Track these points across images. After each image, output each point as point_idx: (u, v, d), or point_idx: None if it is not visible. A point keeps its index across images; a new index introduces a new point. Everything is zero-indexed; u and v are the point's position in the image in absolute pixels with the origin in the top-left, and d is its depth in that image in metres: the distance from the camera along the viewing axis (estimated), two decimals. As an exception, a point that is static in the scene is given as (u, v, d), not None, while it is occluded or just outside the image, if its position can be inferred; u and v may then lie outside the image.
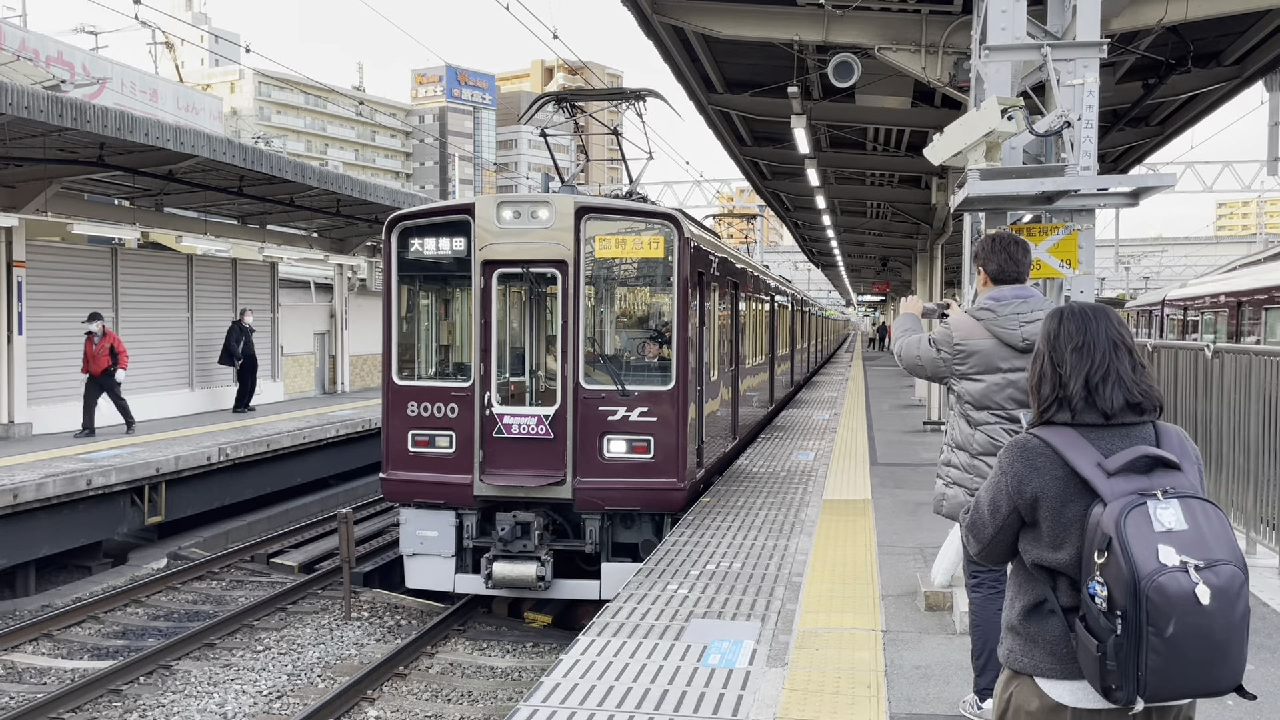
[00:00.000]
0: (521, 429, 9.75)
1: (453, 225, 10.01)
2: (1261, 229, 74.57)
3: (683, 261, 9.72)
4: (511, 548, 9.61)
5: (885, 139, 16.06)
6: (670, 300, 9.84)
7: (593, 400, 9.68)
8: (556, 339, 10.03)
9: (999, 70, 6.32)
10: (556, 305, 9.85)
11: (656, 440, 9.63)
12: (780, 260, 67.15)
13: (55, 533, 11.92)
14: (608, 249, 9.90)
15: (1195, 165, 40.48)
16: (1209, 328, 19.53)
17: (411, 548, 10.17)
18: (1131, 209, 6.94)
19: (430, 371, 10.83)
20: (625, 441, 9.65)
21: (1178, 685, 2.30)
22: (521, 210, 9.77)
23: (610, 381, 9.74)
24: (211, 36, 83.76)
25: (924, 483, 12.03)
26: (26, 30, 33.19)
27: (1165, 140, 15.15)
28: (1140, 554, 2.25)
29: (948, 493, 4.96)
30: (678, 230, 9.69)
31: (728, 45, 11.29)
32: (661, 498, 9.72)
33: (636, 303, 10.80)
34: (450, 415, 9.89)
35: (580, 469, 9.65)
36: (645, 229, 9.83)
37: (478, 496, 9.82)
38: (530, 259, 9.78)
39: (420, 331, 10.86)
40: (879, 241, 30.47)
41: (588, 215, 9.70)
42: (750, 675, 5.57)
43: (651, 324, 10.53)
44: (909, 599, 7.08)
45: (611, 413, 9.65)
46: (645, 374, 10.07)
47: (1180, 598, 2.22)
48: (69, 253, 16.64)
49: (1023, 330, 4.75)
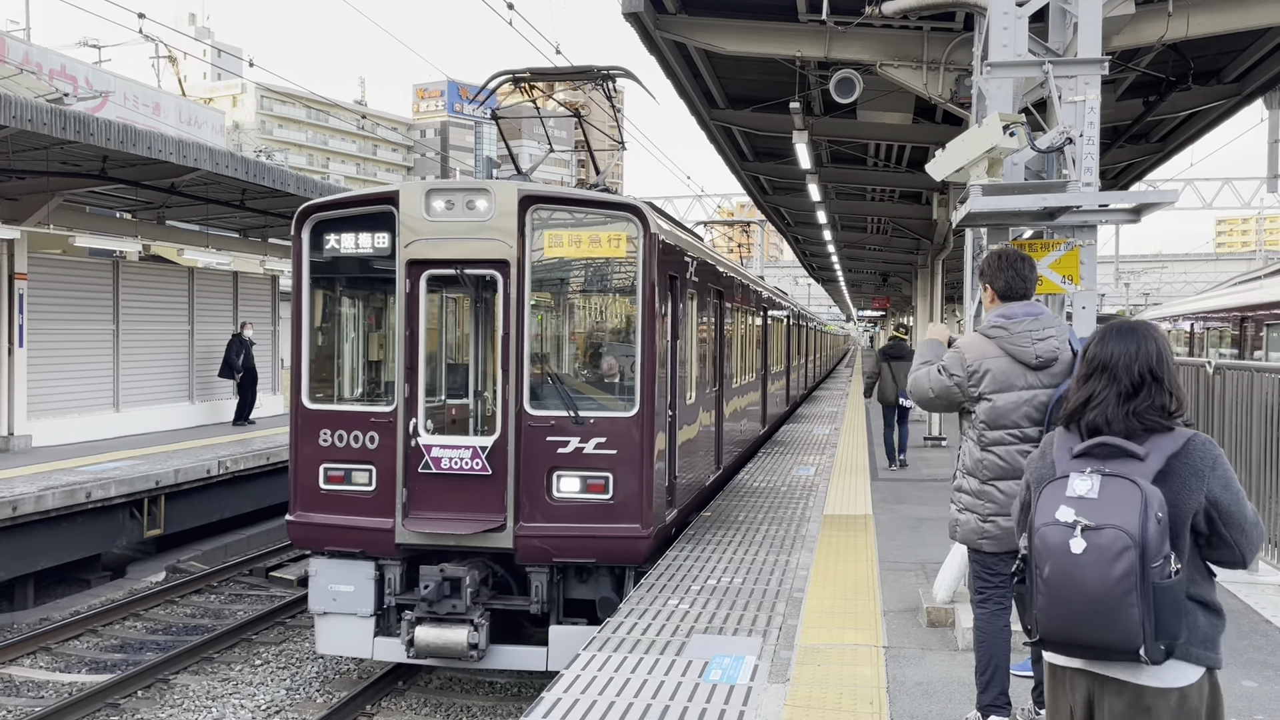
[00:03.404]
0: (453, 463, 8.20)
1: (374, 218, 8.49)
2: (1261, 246, 74.71)
3: (649, 262, 8.18)
4: (438, 609, 7.94)
5: (886, 155, 16.10)
6: (635, 309, 8.32)
7: (539, 429, 8.15)
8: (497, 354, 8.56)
9: (1001, 87, 6.33)
10: (496, 313, 8.40)
11: (616, 478, 8.07)
12: (781, 275, 67.21)
13: (54, 545, 11.89)
14: (559, 246, 8.35)
15: (1195, 182, 40.63)
16: (1222, 342, 19.23)
17: (322, 605, 8.47)
18: (1132, 225, 6.98)
19: (350, 393, 9.22)
20: (579, 479, 8.10)
21: (1063, 628, 2.76)
22: (455, 200, 8.27)
23: (561, 406, 8.19)
24: (214, 51, 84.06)
25: (925, 498, 12.01)
26: (30, 44, 33.30)
27: (1165, 157, 15.20)
28: (1043, 510, 2.79)
29: (960, 518, 4.91)
30: (643, 224, 8.18)
31: (730, 61, 11.33)
32: (622, 547, 8.13)
33: (594, 311, 9.21)
34: (369, 446, 8.36)
35: (524, 512, 8.11)
36: (604, 222, 8.33)
37: (400, 545, 8.25)
38: (465, 258, 8.27)
39: (338, 345, 9.19)
40: (879, 257, 30.52)
41: (534, 206, 8.24)
42: (752, 691, 5.54)
43: (613, 337, 9.00)
44: (911, 615, 7.06)
45: (562, 444, 8.10)
46: (604, 397, 8.58)
47: (1058, 546, 2.72)
48: (70, 265, 16.66)
49: (1036, 348, 4.74)
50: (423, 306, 8.39)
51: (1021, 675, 5.25)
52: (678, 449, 9.41)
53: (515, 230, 8.17)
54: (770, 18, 9.88)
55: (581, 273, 8.72)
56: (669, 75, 11.50)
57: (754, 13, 9.95)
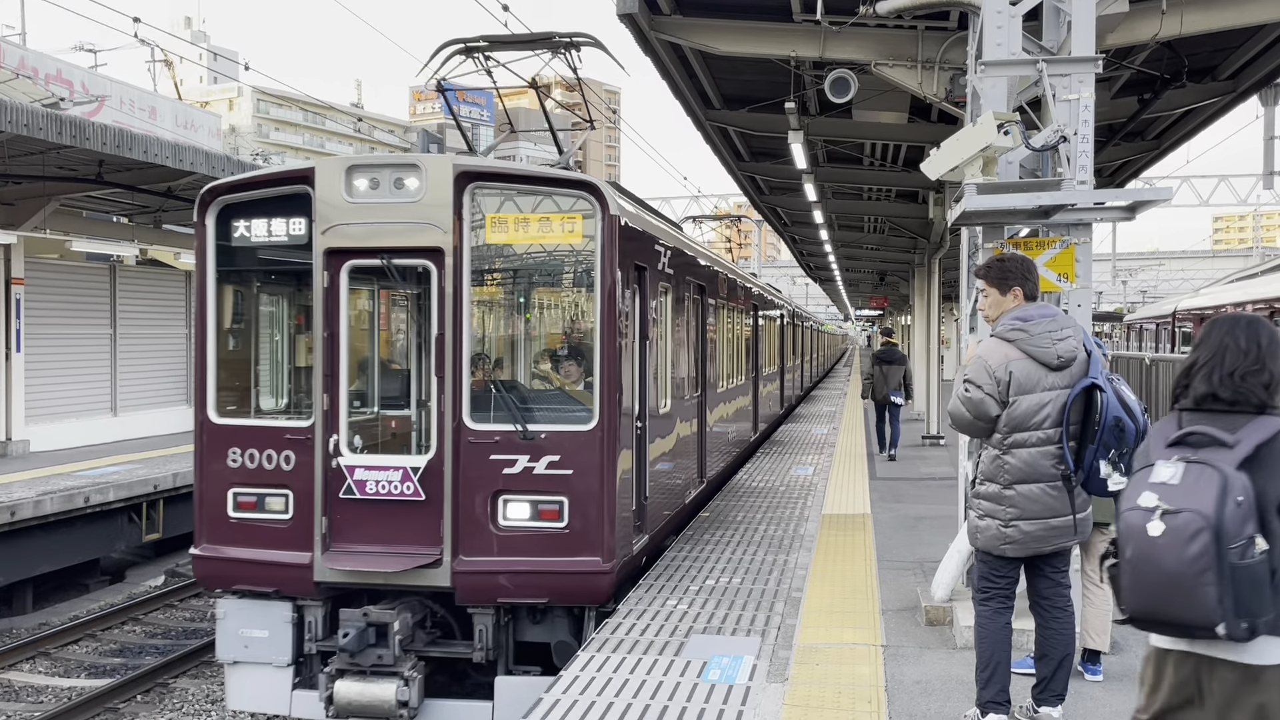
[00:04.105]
0: (380, 488, 7.11)
1: (289, 200, 7.41)
2: (1258, 243, 74.78)
3: (609, 249, 7.14)
4: (361, 660, 6.83)
5: (882, 154, 16.09)
6: (593, 304, 7.27)
7: (482, 446, 7.08)
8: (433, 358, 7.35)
9: (995, 85, 6.34)
10: (430, 311, 7.29)
11: (573, 502, 7.03)
12: (778, 274, 67.25)
13: (53, 550, 11.89)
14: (503, 232, 7.29)
15: (1191, 179, 40.62)
16: None
17: (233, 653, 7.34)
18: (1128, 223, 7.02)
19: (268, 405, 8.08)
20: (528, 504, 7.04)
21: (1146, 606, 2.98)
22: (380, 178, 7.20)
23: (507, 419, 7.13)
24: (210, 54, 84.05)
25: (923, 497, 12.03)
26: (26, 49, 33.28)
27: (1161, 155, 15.19)
28: (1129, 496, 3.03)
29: (980, 525, 4.88)
30: (600, 206, 7.13)
31: (725, 62, 11.32)
32: (579, 585, 7.06)
33: (547, 308, 8.19)
34: (285, 467, 7.28)
35: (464, 544, 7.03)
36: (555, 204, 7.27)
37: (320, 583, 7.15)
38: (392, 246, 7.21)
39: (255, 350, 8.09)
40: (876, 256, 30.49)
41: (474, 185, 7.19)
42: (750, 691, 5.55)
43: (568, 338, 7.97)
44: (909, 614, 7.07)
45: (508, 464, 7.04)
46: (558, 408, 7.54)
47: (1138, 529, 2.95)
48: (67, 270, 16.66)
49: (1057, 348, 4.76)
50: (344, 303, 7.29)
51: (1022, 673, 5.26)
52: (649, 466, 8.34)
53: (451, 213, 7.10)
54: (765, 18, 9.87)
55: (531, 263, 7.62)
56: (664, 76, 11.49)
57: (748, 13, 9.94)
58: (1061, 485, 4.72)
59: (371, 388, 8.12)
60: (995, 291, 5.04)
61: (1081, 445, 4.69)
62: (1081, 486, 4.75)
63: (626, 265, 7.51)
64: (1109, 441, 4.61)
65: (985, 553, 4.89)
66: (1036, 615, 4.99)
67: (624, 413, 7.41)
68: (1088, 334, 5.01)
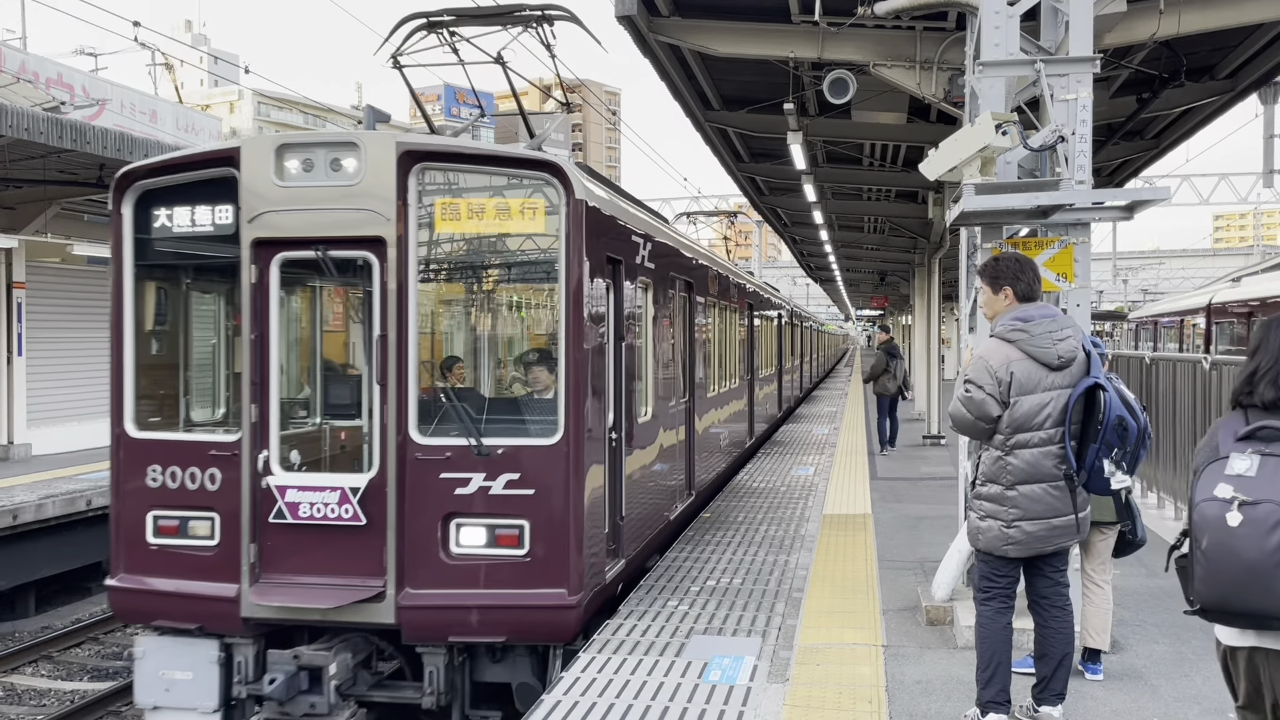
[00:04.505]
0: (316, 511, 6.31)
1: (215, 185, 6.61)
2: (1258, 241, 74.75)
3: (575, 238, 6.36)
4: (292, 709, 6.05)
5: (881, 154, 16.10)
6: (558, 301, 6.48)
7: (431, 463, 6.30)
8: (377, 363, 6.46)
9: (993, 86, 6.35)
10: (374, 308, 6.46)
11: (535, 526, 6.24)
12: (779, 275, 67.29)
13: (55, 554, 11.92)
14: (454, 220, 6.52)
15: (1191, 178, 40.61)
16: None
17: (153, 697, 6.49)
18: (1128, 222, 7.00)
19: (197, 416, 7.22)
20: (484, 529, 6.28)
21: (1222, 597, 2.99)
22: (315, 158, 6.41)
23: (459, 432, 6.35)
24: (211, 58, 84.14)
25: (924, 497, 12.04)
26: (26, 53, 33.30)
27: (1161, 154, 15.20)
28: (1203, 487, 3.05)
29: (982, 526, 4.89)
30: (564, 189, 6.35)
31: (724, 63, 11.34)
32: (542, 621, 6.26)
33: (505, 306, 7.41)
34: (210, 487, 6.49)
35: (411, 575, 6.24)
36: (514, 186, 6.51)
37: (249, 619, 6.34)
38: (327, 236, 6.41)
39: (185, 354, 7.27)
40: (877, 256, 30.51)
41: (421, 166, 6.44)
42: (751, 692, 5.56)
43: (530, 340, 7.31)
44: (910, 614, 7.08)
45: (461, 482, 6.27)
46: (518, 420, 6.82)
47: (1215, 520, 2.97)
48: (69, 274, 16.68)
49: (1057, 348, 4.77)
50: (274, 300, 6.50)
51: (1022, 673, 5.27)
52: (625, 480, 7.60)
53: (394, 198, 6.33)
54: (763, 19, 9.89)
55: (487, 254, 6.85)
56: (663, 78, 11.51)
57: (747, 14, 9.96)
58: (1063, 485, 4.73)
59: (315, 396, 7.37)
60: (989, 290, 5.10)
61: (1082, 444, 4.70)
62: (1084, 486, 4.77)
63: (597, 257, 6.76)
64: (1112, 440, 4.63)
65: (987, 553, 4.90)
66: (1035, 615, 5.00)
67: (595, 423, 6.66)
68: (1085, 334, 5.02)
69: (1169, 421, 10.71)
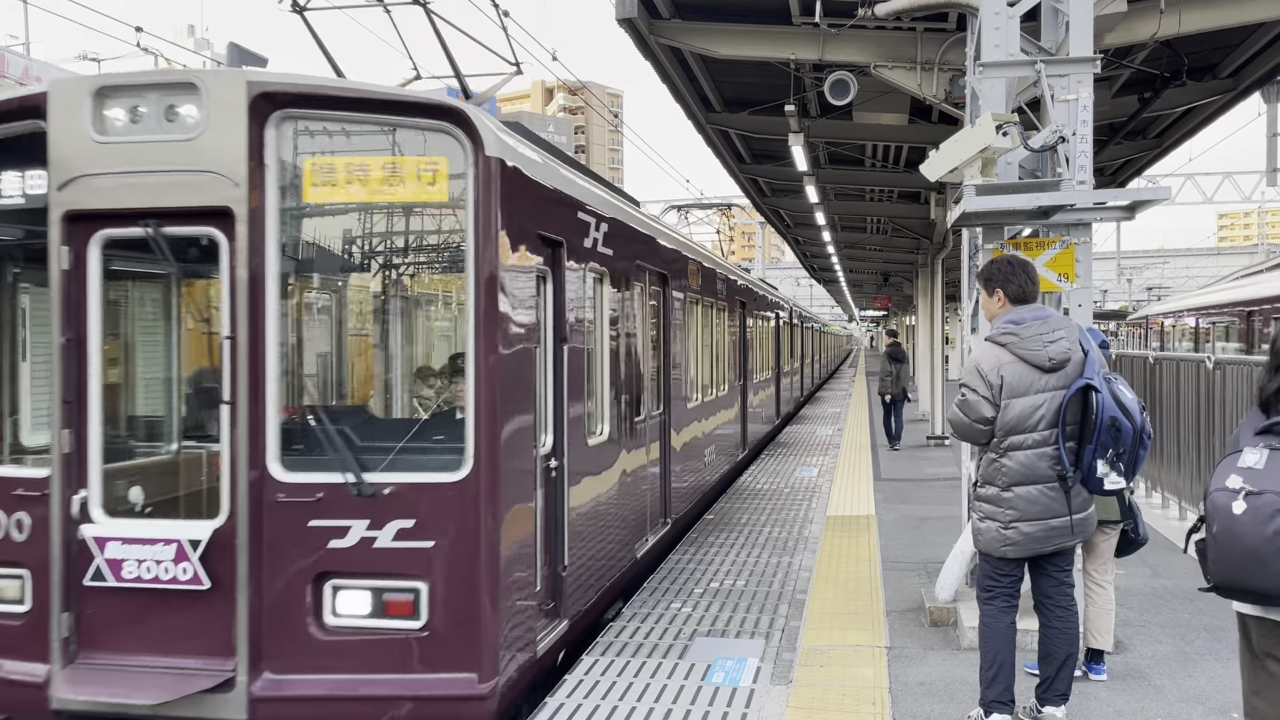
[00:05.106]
0: (145, 570, 4.91)
1: (19, 144, 5.17)
2: (1263, 239, 74.69)
3: (487, 208, 4.92)
4: None
5: (883, 155, 16.12)
6: (466, 292, 4.98)
7: (297, 507, 4.88)
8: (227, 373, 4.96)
9: (993, 86, 6.35)
10: (221, 301, 5.03)
11: (435, 589, 4.85)
12: (783, 276, 67.30)
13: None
14: (329, 185, 5.00)
15: (1195, 177, 40.61)
16: None
17: None
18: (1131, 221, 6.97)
19: (35, 441, 5.70)
20: (368, 593, 4.87)
21: (1229, 576, 3.30)
22: (145, 105, 4.97)
23: (334, 465, 4.91)
24: (214, 63, 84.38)
25: (928, 498, 12.03)
26: (29, 58, 33.41)
27: (1163, 153, 15.20)
28: (1217, 478, 3.36)
29: (981, 527, 4.92)
30: (472, 144, 4.90)
31: (725, 65, 11.36)
32: (445, 716, 4.87)
33: (397, 299, 5.91)
34: (16, 536, 5.14)
35: (271, 655, 4.86)
36: (406, 141, 5.00)
37: (59, 712, 4.94)
38: (160, 207, 4.95)
39: (2, 361, 5.97)
40: (880, 257, 30.52)
41: (283, 113, 4.97)
42: (754, 694, 5.56)
43: (431, 344, 6.12)
44: (913, 615, 7.08)
45: (337, 532, 4.86)
46: (413, 448, 5.09)
47: (1223, 508, 3.30)
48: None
49: (1048, 350, 4.77)
50: (94, 292, 5.09)
51: (1031, 673, 5.27)
52: (570, 519, 6.16)
53: (245, 155, 4.88)
54: (764, 21, 9.90)
55: (373, 231, 5.46)
56: (665, 80, 11.52)
57: (748, 16, 9.97)
58: (1058, 486, 4.74)
59: (173, 413, 6.00)
60: (984, 293, 5.15)
61: (1081, 445, 4.71)
62: (1083, 485, 4.76)
63: (524, 234, 5.34)
64: (1106, 441, 4.62)
65: (986, 554, 4.92)
66: (1040, 615, 5.00)
67: (520, 449, 5.24)
68: (1084, 332, 5.01)
69: (1173, 422, 10.70)
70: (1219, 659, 6.03)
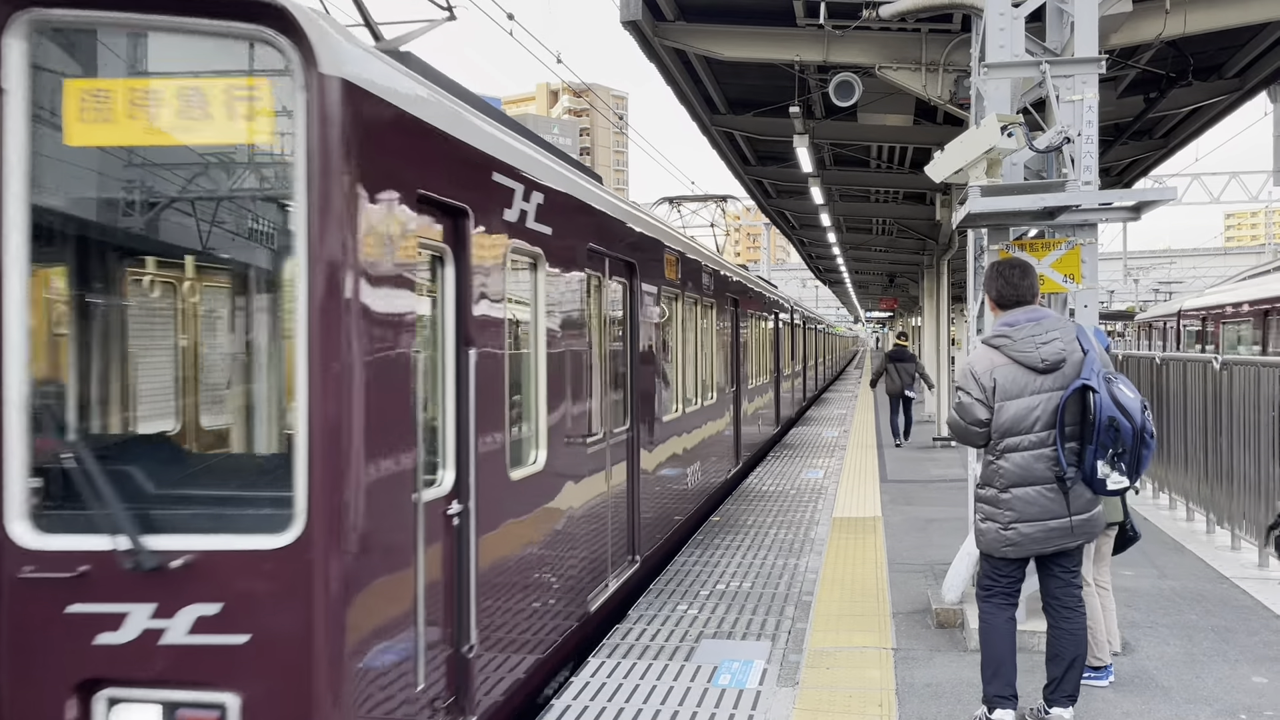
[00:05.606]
0: None
1: None
2: (1270, 239, 74.45)
3: (325, 149, 3.46)
4: None
5: (888, 156, 16.11)
6: (293, 272, 3.54)
7: (50, 586, 3.51)
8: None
9: (998, 87, 6.34)
10: None
11: (252, 705, 3.49)
12: (788, 277, 67.29)
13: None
14: (101, 119, 3.54)
15: (1202, 177, 40.48)
16: None
17: None
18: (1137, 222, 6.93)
19: None
20: (156, 709, 3.53)
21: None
22: None
23: (104, 524, 3.51)
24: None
25: (934, 499, 12.01)
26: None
27: (1169, 153, 15.16)
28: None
29: (982, 528, 4.95)
30: (300, 55, 3.45)
31: (729, 67, 11.37)
32: None
33: (205, 288, 4.40)
34: None
35: None
36: (213, 54, 3.55)
37: None
38: None
39: None
40: (885, 258, 30.48)
41: (33, 15, 3.51)
42: (761, 696, 5.56)
43: (249, 351, 4.28)
44: (920, 616, 7.07)
45: (110, 621, 3.50)
46: (220, 498, 3.77)
47: None
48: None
49: (1041, 351, 4.78)
50: None
51: None
52: (481, 580, 4.70)
53: None
54: (768, 23, 9.91)
55: (170, 184, 3.78)
56: (669, 82, 11.53)
57: (752, 18, 9.98)
58: (1057, 487, 4.73)
59: None
60: (985, 297, 5.21)
61: (1083, 446, 4.70)
62: (1086, 486, 4.76)
63: (394, 195, 3.87)
64: (1105, 442, 4.62)
65: (987, 554, 4.95)
66: (1048, 615, 5.00)
67: (386, 495, 3.79)
68: (1085, 331, 4.99)
69: (1179, 422, 10.67)
70: (1227, 660, 6.02)
